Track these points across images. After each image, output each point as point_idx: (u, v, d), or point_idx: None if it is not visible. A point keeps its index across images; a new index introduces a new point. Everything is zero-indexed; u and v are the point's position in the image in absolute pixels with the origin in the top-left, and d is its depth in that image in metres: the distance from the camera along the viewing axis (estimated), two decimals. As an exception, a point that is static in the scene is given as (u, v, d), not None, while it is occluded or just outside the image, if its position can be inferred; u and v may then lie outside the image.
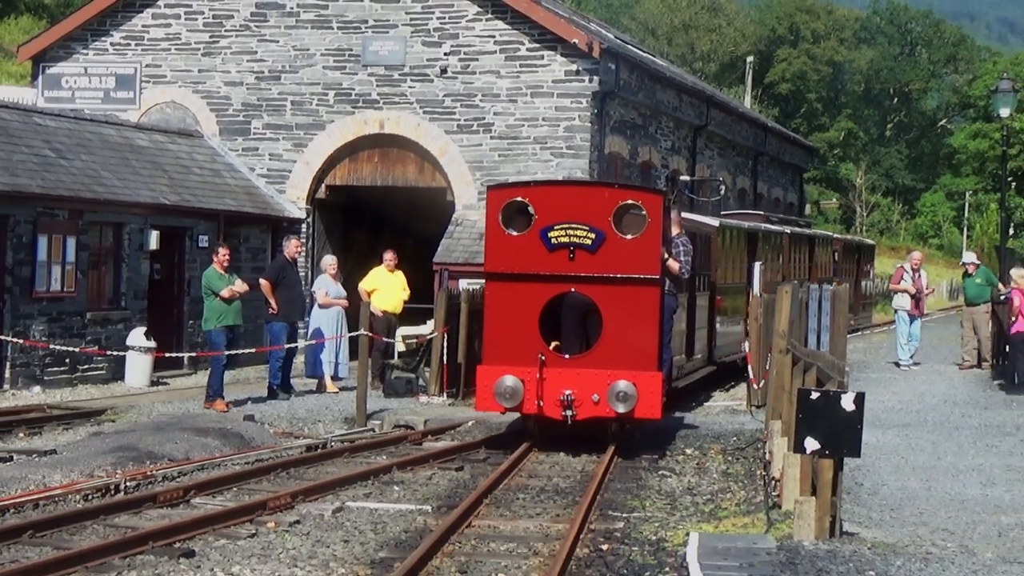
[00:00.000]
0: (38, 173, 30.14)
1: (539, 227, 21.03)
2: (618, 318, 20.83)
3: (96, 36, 38.76)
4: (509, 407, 20.86)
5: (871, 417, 23.19)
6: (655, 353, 21.04)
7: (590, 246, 20.79)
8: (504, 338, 21.31)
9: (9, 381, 28.54)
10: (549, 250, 20.96)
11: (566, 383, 20.59)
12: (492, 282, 21.81)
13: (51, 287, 29.64)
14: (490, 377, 20.86)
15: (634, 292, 20.90)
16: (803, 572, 12.08)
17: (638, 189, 25.23)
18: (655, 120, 41.71)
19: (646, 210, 20.98)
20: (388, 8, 36.78)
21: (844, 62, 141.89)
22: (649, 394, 20.46)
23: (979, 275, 33.87)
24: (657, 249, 21.14)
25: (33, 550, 14.10)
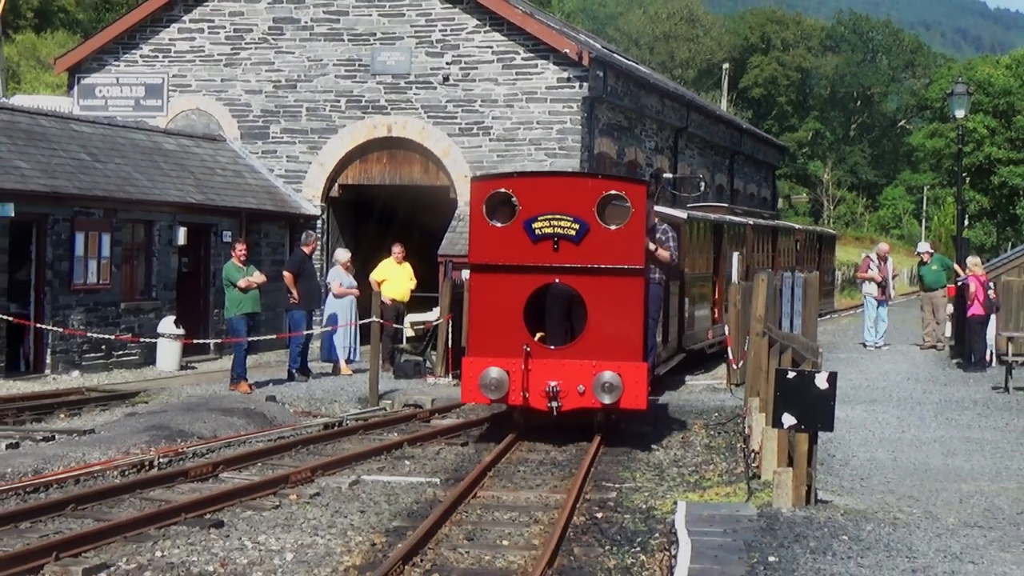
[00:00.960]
0: (75, 175, 30.14)
1: (523, 218, 19.64)
2: (603, 309, 19.48)
3: (127, 49, 38.73)
4: (494, 399, 19.44)
5: (841, 394, 22.96)
6: (640, 344, 19.59)
7: (574, 237, 19.44)
8: (489, 329, 19.86)
9: (50, 366, 28.57)
10: (533, 241, 19.57)
11: (551, 374, 19.16)
12: (476, 273, 20.41)
13: (88, 280, 29.63)
14: (475, 369, 19.46)
15: (618, 282, 19.55)
16: (782, 536, 12.11)
17: (621, 180, 23.21)
18: (640, 123, 41.69)
19: (629, 200, 19.63)
20: (395, 22, 36.78)
21: (811, 68, 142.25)
22: (634, 384, 19.03)
23: (935, 262, 33.97)
24: (641, 239, 19.70)
25: (75, 522, 14.17)
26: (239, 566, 12.32)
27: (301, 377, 27.26)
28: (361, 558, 12.59)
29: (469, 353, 20.14)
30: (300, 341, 27.50)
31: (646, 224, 20.05)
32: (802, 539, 12.04)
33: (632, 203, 19.57)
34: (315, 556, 12.67)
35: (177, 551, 12.82)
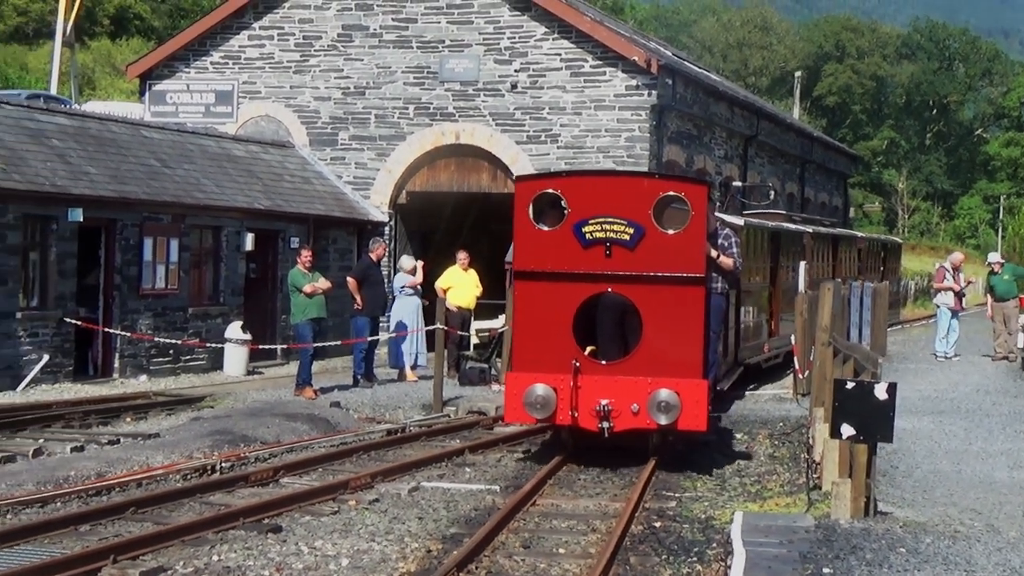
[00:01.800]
0: (144, 181, 30.37)
1: (572, 221, 17.97)
2: (659, 321, 17.76)
3: (197, 56, 39.03)
4: (540, 418, 17.88)
5: (908, 404, 23.16)
6: (700, 359, 17.87)
7: (628, 242, 17.73)
8: (535, 343, 18.15)
9: (118, 370, 28.81)
10: (583, 246, 17.91)
11: (603, 392, 17.55)
12: (521, 281, 18.57)
13: (156, 285, 29.85)
14: (520, 385, 17.84)
15: (677, 292, 17.79)
16: (838, 548, 12.03)
17: (680, 180, 20.81)
18: (709, 131, 41.55)
19: (689, 202, 17.90)
20: (463, 29, 36.86)
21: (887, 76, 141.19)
22: (693, 403, 17.33)
23: (1006, 272, 33.61)
24: (701, 245, 18.10)
25: (135, 525, 14.29)
26: (294, 571, 12.39)
27: (366, 383, 27.35)
28: (416, 564, 12.63)
29: (513, 368, 18.60)
30: (364, 347, 27.65)
31: (707, 228, 18.60)
32: (858, 551, 11.95)
33: (692, 205, 17.95)
34: (370, 562, 12.72)
35: (234, 555, 12.91)
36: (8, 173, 26.50)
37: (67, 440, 20.02)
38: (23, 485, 16.12)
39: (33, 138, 28.91)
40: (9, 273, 26.16)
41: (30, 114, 30.46)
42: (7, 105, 30.44)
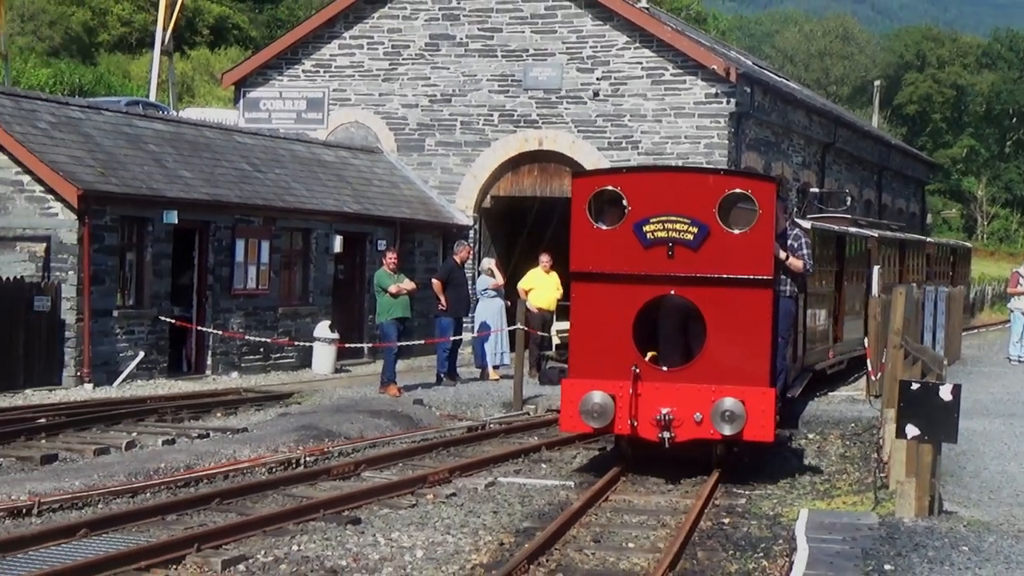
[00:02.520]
0: (237, 185, 30.63)
1: (633, 220, 16.38)
2: (724, 325, 16.19)
3: (290, 64, 39.31)
4: (597, 427, 16.51)
5: (980, 407, 22.95)
6: (767, 365, 16.33)
7: (691, 242, 16.13)
8: (593, 348, 16.60)
9: (211, 367, 29.10)
10: (644, 246, 16.30)
11: (664, 400, 16.09)
12: (579, 283, 16.95)
13: (247, 285, 30.10)
14: (576, 392, 16.36)
15: (743, 295, 16.21)
16: (900, 546, 11.94)
17: (747, 176, 19.15)
18: (787, 138, 41.38)
19: (756, 200, 16.26)
20: (547, 38, 36.92)
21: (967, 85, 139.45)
22: (760, 413, 15.90)
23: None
24: (769, 245, 16.39)
25: (219, 515, 14.45)
26: (371, 561, 12.45)
27: (449, 382, 27.45)
28: (489, 557, 12.67)
29: (570, 374, 17.03)
30: (447, 347, 27.75)
31: (775, 228, 16.75)
32: (921, 548, 11.86)
33: (759, 203, 16.27)
34: (444, 554, 12.76)
35: (313, 545, 12.99)
36: (106, 177, 26.83)
37: (159, 434, 20.24)
38: (115, 476, 16.33)
39: (131, 143, 29.25)
40: (107, 273, 26.48)
41: (128, 120, 30.83)
42: (106, 111, 30.82)
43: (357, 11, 38.69)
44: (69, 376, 25.87)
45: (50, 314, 25.76)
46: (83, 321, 25.91)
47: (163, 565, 11.95)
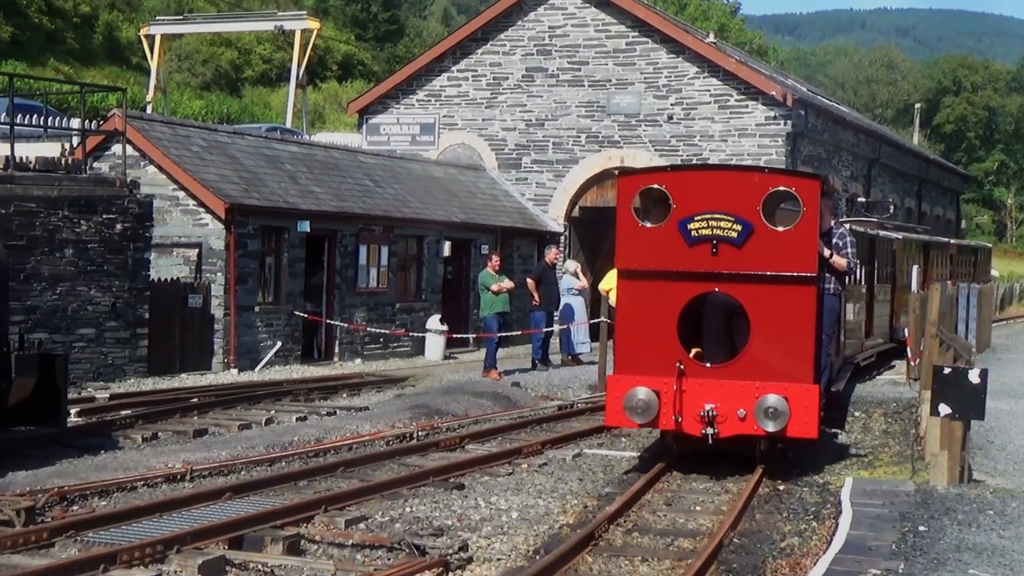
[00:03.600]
0: (360, 198, 30.84)
1: (677, 218, 14.67)
2: (768, 322, 14.43)
3: (406, 94, 39.52)
4: (642, 423, 14.75)
5: (1008, 389, 22.66)
6: (810, 362, 14.51)
7: (736, 239, 14.40)
8: (638, 344, 14.88)
9: (338, 355, 29.31)
10: (689, 244, 14.59)
11: (708, 396, 14.39)
12: (624, 280, 15.20)
13: (369, 284, 30.29)
14: (621, 388, 14.67)
15: (787, 292, 14.41)
16: (933, 510, 11.84)
17: (791, 174, 16.72)
18: (837, 154, 41.05)
19: (801, 198, 14.51)
20: (627, 70, 36.88)
21: (998, 107, 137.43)
22: (803, 410, 14.14)
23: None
24: (813, 243, 14.56)
25: (344, 481, 14.52)
26: (472, 521, 12.50)
27: (542, 367, 27.44)
28: (574, 518, 12.68)
29: (616, 370, 15.19)
30: (540, 337, 27.74)
31: (820, 226, 14.97)
32: (951, 512, 11.75)
33: (804, 201, 14.50)
34: (536, 515, 12.79)
35: (423, 507, 13.06)
36: (249, 192, 27.11)
37: (293, 411, 20.43)
38: (256, 448, 16.51)
39: (270, 163, 29.53)
40: (250, 274, 26.76)
41: (268, 143, 31.14)
42: (249, 136, 31.15)
43: (463, 48, 38.87)
44: (217, 362, 26.16)
45: (202, 310, 26.06)
46: (229, 315, 26.19)
47: (295, 523, 12.03)
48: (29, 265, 21.90)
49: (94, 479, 13.79)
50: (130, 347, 24.18)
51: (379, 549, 11.22)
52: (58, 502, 12.59)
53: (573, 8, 37.72)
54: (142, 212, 24.50)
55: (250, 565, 10.57)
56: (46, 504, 12.33)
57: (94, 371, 23.17)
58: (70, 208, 22.90)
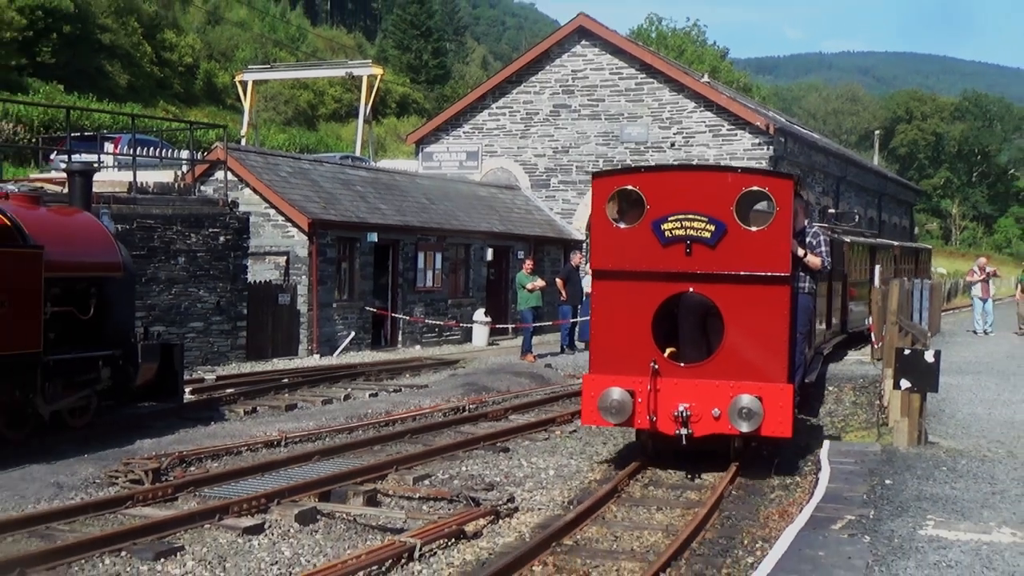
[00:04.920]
0: (417, 214, 30.94)
1: (651, 218, 12.41)
2: (742, 321, 12.27)
3: (453, 128, 39.62)
4: (616, 423, 12.45)
5: (955, 367, 22.53)
6: (785, 361, 12.30)
7: (709, 239, 12.21)
8: (613, 344, 12.61)
9: (401, 342, 29.41)
10: (663, 244, 12.37)
11: (682, 395, 12.24)
12: (599, 281, 12.89)
13: (426, 284, 30.39)
14: (596, 388, 12.45)
15: (760, 292, 12.22)
16: (897, 466, 11.83)
17: (765, 174, 13.72)
18: (811, 174, 40.89)
19: (774, 198, 12.28)
20: (637, 105, 36.88)
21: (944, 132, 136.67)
22: (778, 409, 12.05)
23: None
24: (786, 242, 12.25)
25: (410, 446, 14.58)
26: (517, 477, 12.58)
27: (569, 351, 27.45)
28: (600, 474, 12.72)
29: (591, 369, 12.83)
30: (567, 326, 27.77)
31: (793, 226, 12.60)
32: (912, 468, 11.75)
33: (777, 201, 12.26)
34: (568, 472, 12.85)
35: (476, 467, 13.14)
36: (327, 209, 27.27)
37: (366, 389, 20.55)
38: (336, 419, 16.61)
39: (344, 185, 29.68)
40: (329, 276, 26.92)
41: (341, 169, 31.29)
42: (326, 163, 31.31)
43: (501, 89, 38.94)
44: (303, 349, 26.34)
45: (289, 306, 26.24)
46: (312, 311, 26.36)
47: (372, 480, 12.14)
48: (149, 271, 22.13)
49: (207, 445, 13.97)
50: (232, 337, 24.39)
51: (441, 501, 11.30)
52: (178, 464, 12.75)
53: (591, 55, 37.74)
54: (240, 226, 24.71)
55: (336, 514, 10.66)
56: (169, 466, 12.49)
57: (203, 357, 23.38)
58: (182, 224, 23.12)
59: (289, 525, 10.24)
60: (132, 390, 15.28)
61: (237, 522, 10.16)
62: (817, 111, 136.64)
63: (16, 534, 9.66)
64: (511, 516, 10.67)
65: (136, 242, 21.45)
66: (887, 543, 8.55)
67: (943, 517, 9.51)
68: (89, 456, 13.07)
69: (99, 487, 11.70)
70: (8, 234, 13.03)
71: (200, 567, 8.97)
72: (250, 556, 9.30)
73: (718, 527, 10.26)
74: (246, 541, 9.73)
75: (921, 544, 8.56)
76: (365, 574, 8.67)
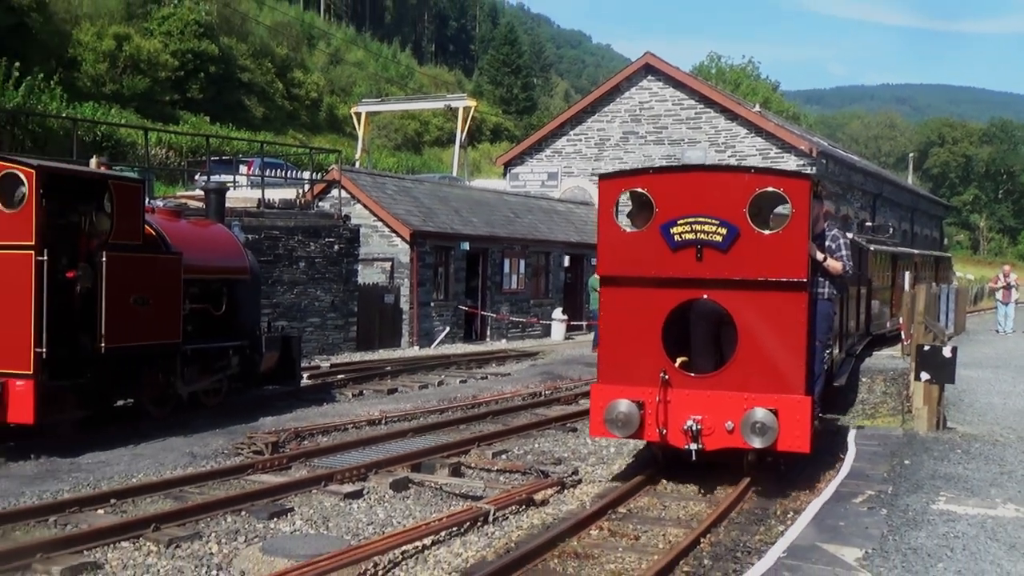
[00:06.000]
0: (504, 226, 31.02)
1: (660, 222, 10.09)
2: (756, 330, 9.98)
3: (536, 151, 39.67)
4: (622, 436, 10.25)
5: (974, 361, 21.95)
6: (802, 372, 9.93)
7: (720, 244, 9.93)
8: (621, 353, 10.35)
9: (489, 336, 29.50)
10: (672, 249, 10.06)
11: (693, 407, 9.99)
12: (607, 288, 10.57)
13: (511, 287, 30.47)
14: (604, 398, 10.26)
15: (775, 299, 9.92)
16: (916, 448, 11.56)
17: (780, 175, 10.54)
18: (850, 191, 40.25)
19: (789, 199, 9.89)
20: (696, 132, 36.60)
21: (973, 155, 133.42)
22: (794, 423, 9.78)
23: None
24: (803, 246, 9.88)
25: (491, 425, 14.62)
26: (582, 453, 12.54)
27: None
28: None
29: (599, 379, 10.54)
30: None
31: (810, 228, 10.12)
32: (929, 450, 11.48)
33: (793, 203, 9.86)
34: (628, 450, 12.70)
35: (547, 444, 13.14)
36: (426, 222, 27.46)
37: (457, 376, 20.60)
38: (430, 401, 16.70)
39: (441, 201, 29.87)
40: (427, 280, 27.11)
41: (439, 187, 31.48)
42: (426, 183, 31.54)
43: (578, 118, 38.90)
44: (404, 342, 26.57)
45: (393, 305, 26.49)
46: (413, 309, 26.58)
47: (457, 454, 12.18)
48: (274, 274, 22.48)
49: (318, 422, 14.11)
50: (344, 331, 24.67)
51: (515, 473, 11.30)
52: (293, 438, 12.91)
53: (656, 88, 37.53)
54: (352, 237, 25.01)
55: (425, 483, 10.71)
56: (285, 439, 12.67)
57: (319, 347, 23.69)
58: (302, 234, 23.46)
59: (384, 491, 10.32)
60: (257, 375, 15.52)
61: (340, 488, 10.25)
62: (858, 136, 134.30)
63: (154, 495, 9.90)
64: (575, 487, 10.62)
65: (264, 250, 21.82)
66: (902, 515, 8.38)
67: (954, 494, 9.29)
68: (219, 430, 13.33)
69: (226, 457, 11.92)
70: (153, 242, 13.35)
71: (307, 525, 9.09)
72: (350, 517, 9.40)
73: (754, 499, 10.13)
74: (347, 504, 9.84)
75: (932, 517, 8.37)
76: (447, 533, 8.73)
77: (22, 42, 43.52)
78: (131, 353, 12.79)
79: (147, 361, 13.20)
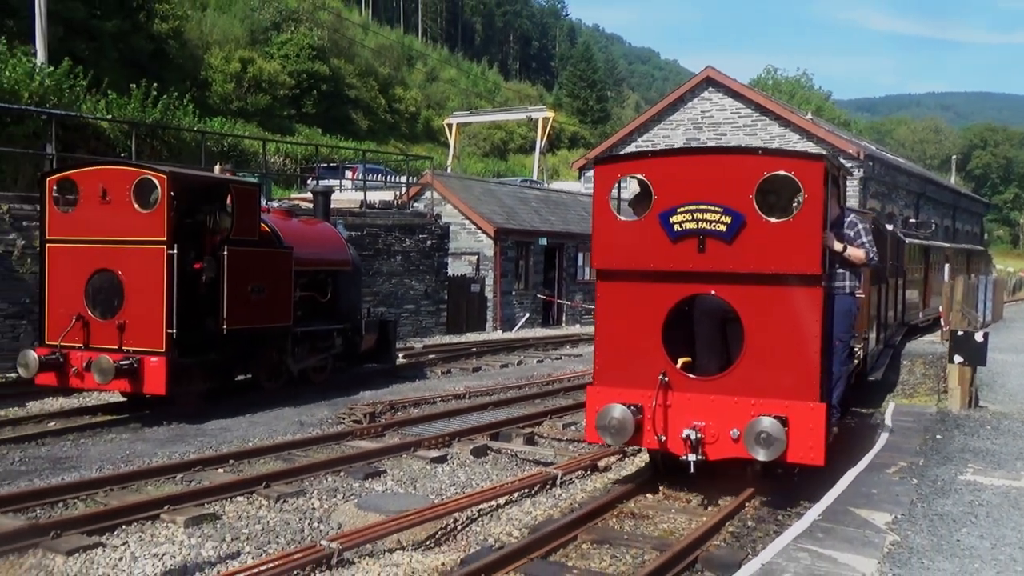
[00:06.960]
0: (578, 224, 30.92)
1: (659, 210, 8.05)
2: (764, 329, 7.87)
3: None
4: (617, 444, 8.18)
5: (1009, 346, 21.30)
6: (815, 376, 7.75)
7: (724, 234, 7.84)
8: (618, 352, 8.32)
9: (564, 322, 29.44)
10: (672, 240, 8.01)
11: (695, 412, 7.97)
12: (602, 282, 8.49)
13: (584, 278, 30.37)
14: (598, 402, 8.28)
15: (786, 294, 7.80)
16: (948, 424, 11.28)
17: (789, 155, 7.91)
18: (895, 190, 39.19)
19: (801, 183, 7.68)
20: (752, 138, 35.91)
21: (1014, 156, 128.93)
22: (806, 432, 7.69)
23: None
24: (817, 236, 7.67)
25: (563, 400, 14.51)
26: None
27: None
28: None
29: (594, 380, 8.52)
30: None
31: (825, 215, 7.89)
32: (961, 426, 11.19)
33: (805, 187, 7.69)
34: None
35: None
36: (508, 220, 27.52)
37: (535, 356, 20.60)
38: (510, 379, 16.77)
39: (522, 201, 29.91)
40: (509, 271, 27.18)
41: (520, 190, 31.51)
42: (510, 185, 31.59)
43: (645, 127, 38.51)
44: (489, 326, 26.68)
45: (479, 293, 26.61)
46: (496, 297, 26.68)
47: (531, 425, 12.21)
48: (375, 266, 22.77)
49: (410, 396, 14.21)
50: (435, 316, 24.88)
51: (583, 443, 11.24)
52: (388, 409, 13.05)
53: (716, 99, 36.99)
54: (443, 233, 25.19)
55: (502, 450, 10.75)
56: (381, 411, 12.84)
57: (413, 331, 23.93)
58: (399, 231, 23.72)
59: (466, 457, 10.39)
60: (358, 355, 15.72)
61: (427, 453, 10.34)
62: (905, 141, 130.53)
63: (266, 457, 10.14)
64: (635, 455, 10.58)
65: (365, 245, 22.11)
66: (931, 485, 8.19)
67: (981, 466, 9.05)
68: (324, 402, 13.57)
69: (330, 425, 12.14)
70: (268, 239, 13.64)
71: (397, 485, 9.23)
72: (435, 479, 9.52)
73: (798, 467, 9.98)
74: (433, 467, 9.95)
75: (959, 487, 8.17)
76: (519, 494, 8.79)
77: (160, 65, 44.79)
78: (249, 334, 13.08)
79: (263, 341, 13.49)
